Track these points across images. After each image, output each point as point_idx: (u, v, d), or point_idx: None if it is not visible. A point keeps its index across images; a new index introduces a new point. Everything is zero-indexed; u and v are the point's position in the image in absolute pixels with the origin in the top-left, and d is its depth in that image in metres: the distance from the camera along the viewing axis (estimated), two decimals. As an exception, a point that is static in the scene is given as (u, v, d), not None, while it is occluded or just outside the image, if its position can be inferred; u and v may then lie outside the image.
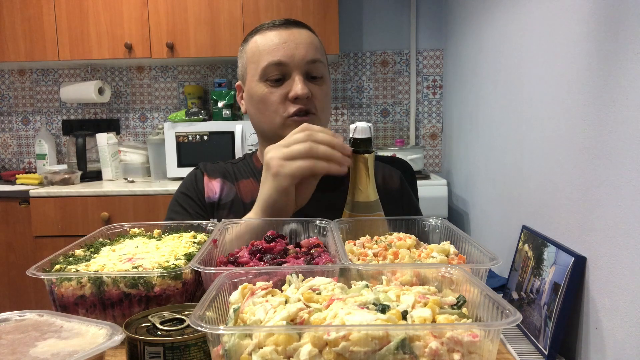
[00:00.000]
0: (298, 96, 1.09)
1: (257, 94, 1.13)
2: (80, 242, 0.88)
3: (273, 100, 1.11)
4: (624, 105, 1.11)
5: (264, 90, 1.12)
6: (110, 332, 0.58)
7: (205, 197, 1.19)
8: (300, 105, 1.10)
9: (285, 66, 1.11)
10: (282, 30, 1.13)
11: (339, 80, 3.09)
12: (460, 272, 0.63)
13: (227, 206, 1.17)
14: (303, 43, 1.12)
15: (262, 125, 1.17)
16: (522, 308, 1.43)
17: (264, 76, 1.12)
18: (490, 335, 0.49)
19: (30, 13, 2.72)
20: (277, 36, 1.13)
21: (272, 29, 1.14)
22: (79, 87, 2.97)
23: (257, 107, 1.15)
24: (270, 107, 1.12)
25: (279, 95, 1.11)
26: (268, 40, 1.13)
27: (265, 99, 1.12)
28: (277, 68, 1.11)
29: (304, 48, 1.12)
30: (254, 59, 1.14)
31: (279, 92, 1.11)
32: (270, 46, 1.12)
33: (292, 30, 1.14)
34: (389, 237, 0.82)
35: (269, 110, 1.13)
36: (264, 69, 1.11)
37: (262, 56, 1.12)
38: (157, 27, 2.72)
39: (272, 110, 1.12)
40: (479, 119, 2.27)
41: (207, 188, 1.20)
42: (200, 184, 1.22)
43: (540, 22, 1.58)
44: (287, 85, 1.11)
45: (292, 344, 0.48)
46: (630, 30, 1.09)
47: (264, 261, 0.76)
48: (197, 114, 2.73)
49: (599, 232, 1.21)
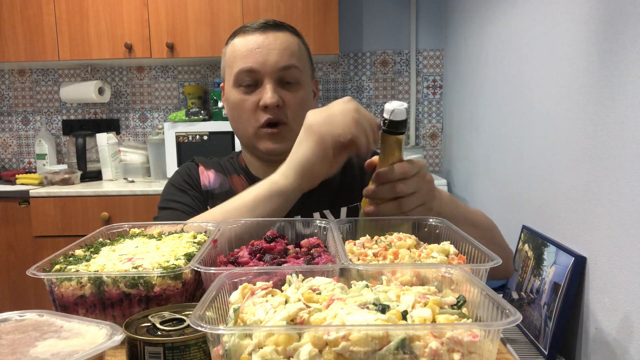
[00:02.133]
0: (267, 105, 1.09)
1: (231, 100, 1.15)
2: (80, 242, 0.88)
3: (246, 109, 1.12)
4: (624, 105, 1.11)
5: (237, 97, 1.13)
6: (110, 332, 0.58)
7: (202, 185, 1.20)
8: (269, 116, 1.10)
9: (256, 73, 1.11)
10: (258, 34, 1.13)
11: (339, 80, 3.09)
12: (460, 272, 0.63)
13: (221, 197, 1.17)
14: (277, 49, 1.11)
15: (237, 132, 1.18)
16: (522, 308, 1.43)
17: (237, 82, 1.13)
18: (490, 335, 0.49)
19: (30, 13, 2.72)
20: (252, 41, 1.12)
21: (249, 33, 1.14)
22: (79, 87, 2.97)
23: (232, 114, 1.17)
24: (243, 116, 1.13)
25: (251, 103, 1.11)
26: (243, 45, 1.13)
27: (238, 106, 1.13)
28: (248, 75, 1.11)
29: (277, 54, 1.11)
30: (230, 64, 1.15)
31: (251, 99, 1.11)
32: (244, 52, 1.12)
33: (268, 34, 1.13)
34: (389, 237, 0.82)
35: (242, 119, 1.14)
36: (236, 75, 1.12)
37: (236, 62, 1.12)
38: (157, 27, 2.72)
39: (245, 119, 1.13)
40: (479, 119, 2.27)
41: (202, 176, 1.21)
42: (194, 172, 1.22)
43: (540, 22, 1.58)
44: (258, 93, 1.11)
45: (292, 344, 0.48)
46: (630, 30, 1.09)
47: (264, 261, 0.76)
48: (197, 114, 2.73)
49: (599, 232, 1.21)
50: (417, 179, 0.89)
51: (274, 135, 1.12)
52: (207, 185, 1.19)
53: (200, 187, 1.19)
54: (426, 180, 0.91)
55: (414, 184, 0.89)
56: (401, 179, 0.87)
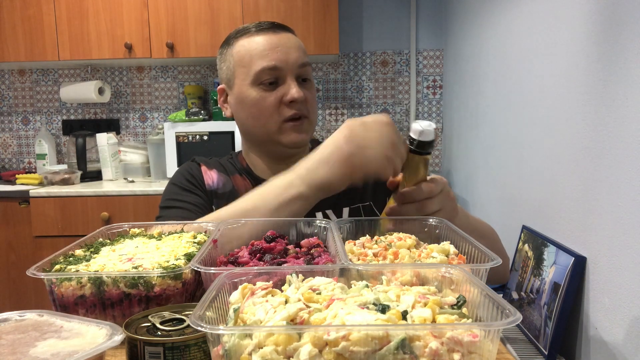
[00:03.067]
0: (295, 99, 1.11)
1: (250, 99, 1.14)
2: (80, 242, 0.88)
3: (267, 105, 1.12)
4: (624, 105, 1.11)
5: (257, 95, 1.13)
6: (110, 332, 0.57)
7: (206, 185, 1.19)
8: (296, 110, 1.13)
9: (279, 70, 1.12)
10: (271, 34, 1.15)
11: (339, 80, 3.09)
12: (460, 272, 0.63)
13: (225, 197, 1.17)
14: (293, 47, 1.15)
15: (254, 129, 1.17)
16: (522, 308, 1.43)
17: (257, 80, 1.13)
18: (490, 335, 0.49)
19: (30, 13, 2.72)
20: (267, 40, 1.14)
21: (259, 33, 1.15)
22: (79, 87, 2.97)
23: (250, 112, 1.15)
24: (265, 112, 1.13)
25: (274, 99, 1.12)
26: (259, 45, 1.14)
27: (258, 104, 1.13)
28: (271, 72, 1.12)
29: (295, 52, 1.14)
30: (244, 63, 1.15)
31: (274, 96, 1.12)
32: (262, 50, 1.13)
33: (281, 34, 1.16)
34: (389, 237, 0.82)
35: (263, 115, 1.13)
36: (257, 73, 1.12)
37: (254, 60, 1.13)
38: (157, 27, 2.72)
39: (267, 115, 1.13)
40: (479, 119, 2.27)
41: (205, 176, 1.20)
42: (197, 172, 1.21)
43: (540, 22, 1.58)
44: (281, 89, 1.13)
45: (292, 344, 0.48)
46: (630, 31, 1.09)
47: (264, 261, 0.76)
48: (197, 114, 2.73)
49: (599, 232, 1.21)
50: (441, 197, 0.92)
51: (297, 127, 1.15)
52: (211, 185, 1.19)
53: (204, 186, 1.19)
54: (450, 198, 0.94)
55: (438, 203, 0.91)
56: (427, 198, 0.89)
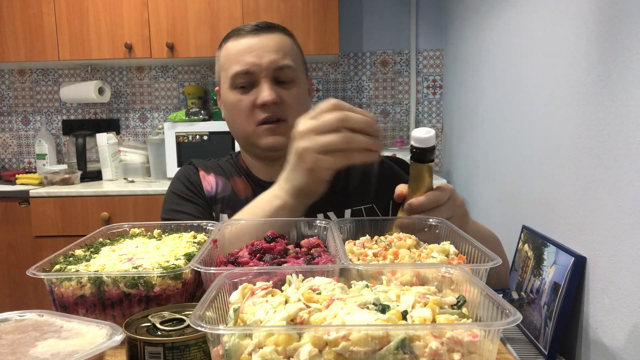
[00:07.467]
0: (264, 102, 1.10)
1: (228, 102, 1.16)
2: (80, 242, 0.88)
3: (243, 108, 1.13)
4: (624, 105, 1.11)
5: (235, 98, 1.14)
6: (110, 332, 0.58)
7: (204, 191, 1.19)
8: (269, 113, 1.11)
9: (251, 74, 1.12)
10: (250, 37, 1.14)
11: (339, 80, 3.09)
12: (460, 272, 0.63)
13: (225, 201, 1.17)
14: (271, 50, 1.12)
15: (236, 133, 1.19)
16: (522, 308, 1.43)
17: (233, 84, 1.14)
18: (490, 335, 0.49)
19: (30, 13, 2.72)
20: (244, 44, 1.13)
21: (242, 36, 1.15)
22: (79, 87, 2.97)
23: (230, 115, 1.17)
24: (241, 115, 1.14)
25: (248, 102, 1.12)
26: (236, 48, 1.14)
27: (235, 107, 1.14)
28: (243, 76, 1.12)
29: (270, 55, 1.12)
30: (225, 67, 1.16)
31: (248, 99, 1.12)
32: (237, 55, 1.13)
33: (261, 36, 1.14)
34: (389, 237, 0.82)
35: (240, 118, 1.14)
36: (232, 77, 1.13)
37: (231, 64, 1.14)
38: (157, 27, 2.72)
39: (243, 118, 1.14)
40: (479, 118, 2.27)
41: (204, 182, 1.20)
42: (195, 177, 1.21)
43: (540, 22, 1.58)
44: (255, 92, 1.12)
45: (292, 344, 0.48)
46: (630, 31, 1.09)
47: (264, 261, 0.75)
48: (197, 114, 2.73)
49: (599, 232, 1.21)
50: (450, 204, 0.90)
51: (273, 129, 1.12)
52: (210, 191, 1.19)
53: (203, 193, 1.19)
54: (458, 205, 0.93)
55: (448, 211, 0.90)
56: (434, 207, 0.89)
